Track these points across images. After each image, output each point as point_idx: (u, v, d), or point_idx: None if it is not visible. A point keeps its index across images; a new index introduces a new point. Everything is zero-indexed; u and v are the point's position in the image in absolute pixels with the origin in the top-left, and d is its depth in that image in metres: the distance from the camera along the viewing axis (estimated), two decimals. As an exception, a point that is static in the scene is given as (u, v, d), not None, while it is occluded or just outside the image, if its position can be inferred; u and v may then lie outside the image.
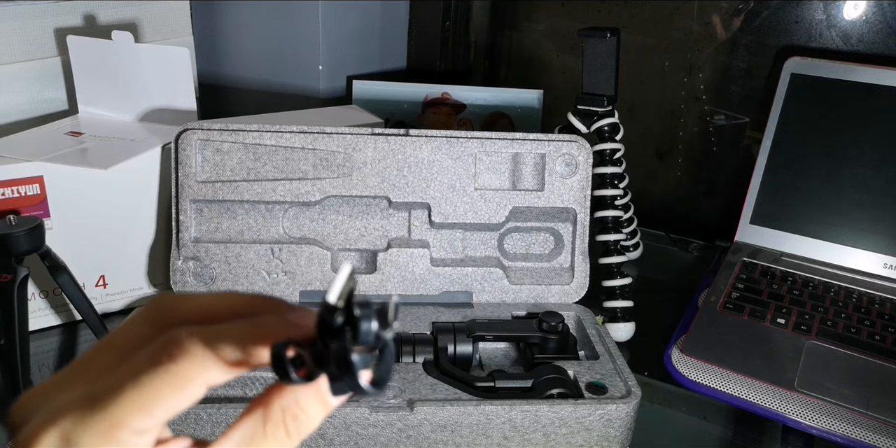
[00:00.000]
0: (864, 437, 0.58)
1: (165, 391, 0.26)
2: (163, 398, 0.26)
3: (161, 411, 0.27)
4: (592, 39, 0.75)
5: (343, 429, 0.54)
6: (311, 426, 0.29)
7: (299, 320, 0.28)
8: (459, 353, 0.62)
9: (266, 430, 0.29)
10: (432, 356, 0.61)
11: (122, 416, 0.26)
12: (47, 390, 0.29)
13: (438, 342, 0.62)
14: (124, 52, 0.84)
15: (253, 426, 0.29)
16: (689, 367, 0.66)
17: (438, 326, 0.64)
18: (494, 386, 0.57)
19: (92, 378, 0.28)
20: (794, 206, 0.83)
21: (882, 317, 0.71)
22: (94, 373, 0.29)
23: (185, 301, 0.31)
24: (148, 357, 0.27)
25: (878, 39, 0.88)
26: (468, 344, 0.63)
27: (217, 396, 0.59)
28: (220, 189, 0.69)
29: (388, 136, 0.70)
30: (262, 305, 0.30)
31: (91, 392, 0.27)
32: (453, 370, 0.59)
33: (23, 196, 0.68)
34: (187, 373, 0.27)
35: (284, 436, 0.29)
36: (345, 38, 1.09)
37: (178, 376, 0.26)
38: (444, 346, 0.62)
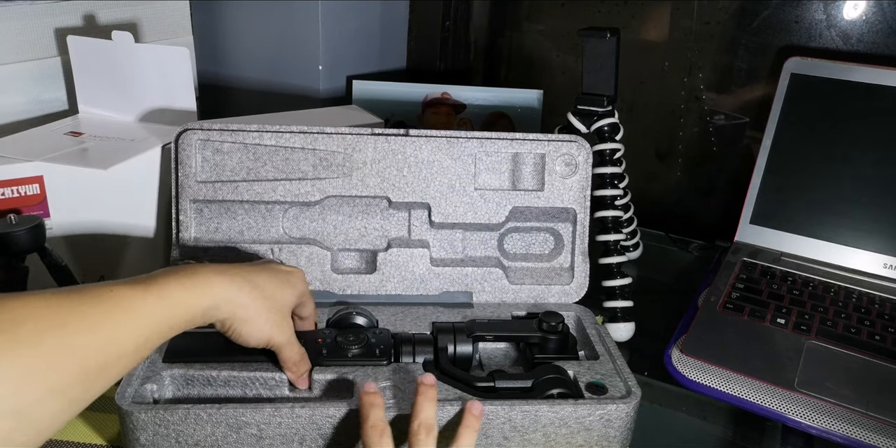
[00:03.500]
0: (863, 437, 0.58)
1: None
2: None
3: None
4: (592, 39, 0.75)
5: (343, 429, 0.54)
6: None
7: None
8: (459, 353, 0.62)
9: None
10: (432, 356, 0.61)
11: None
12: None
13: (438, 342, 0.62)
14: (124, 52, 0.84)
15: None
16: (689, 367, 0.66)
17: (438, 326, 0.64)
18: (494, 386, 0.57)
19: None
20: (794, 206, 0.83)
21: (882, 317, 0.71)
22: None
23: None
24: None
25: (878, 39, 0.88)
26: (468, 344, 0.63)
27: (217, 396, 0.59)
28: (220, 189, 0.69)
29: (388, 136, 0.70)
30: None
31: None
32: (453, 370, 0.59)
33: (23, 196, 0.68)
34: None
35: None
36: (345, 38, 1.09)
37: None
38: (444, 346, 0.62)
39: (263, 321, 0.51)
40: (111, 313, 0.40)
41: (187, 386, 0.59)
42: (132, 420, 0.52)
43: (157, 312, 0.43)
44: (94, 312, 0.39)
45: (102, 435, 0.58)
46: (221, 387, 0.59)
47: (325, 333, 0.61)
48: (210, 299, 0.47)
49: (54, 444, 0.56)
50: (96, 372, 0.38)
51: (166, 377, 0.58)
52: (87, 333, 0.38)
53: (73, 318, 0.38)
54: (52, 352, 0.36)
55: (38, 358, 0.35)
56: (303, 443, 0.54)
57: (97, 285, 0.41)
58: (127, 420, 0.52)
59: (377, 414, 0.50)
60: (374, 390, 0.52)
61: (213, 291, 0.47)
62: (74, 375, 0.37)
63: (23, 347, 0.35)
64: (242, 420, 0.52)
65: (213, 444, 0.53)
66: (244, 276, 0.51)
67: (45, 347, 0.36)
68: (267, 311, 0.52)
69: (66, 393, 0.37)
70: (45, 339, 0.36)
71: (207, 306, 0.47)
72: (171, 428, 0.52)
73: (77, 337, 0.37)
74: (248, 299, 0.50)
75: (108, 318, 0.40)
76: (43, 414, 0.36)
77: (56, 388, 0.36)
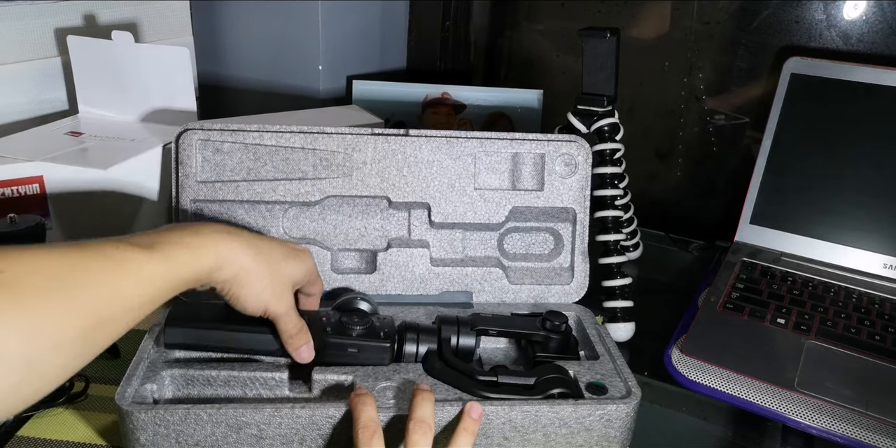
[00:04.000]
0: (863, 437, 0.58)
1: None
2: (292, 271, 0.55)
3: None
4: (592, 39, 0.75)
5: (343, 429, 0.54)
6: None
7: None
8: (462, 346, 0.62)
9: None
10: (435, 345, 0.61)
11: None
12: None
13: (442, 333, 0.62)
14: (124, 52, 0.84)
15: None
16: (689, 367, 0.66)
17: (442, 318, 0.64)
18: (497, 381, 0.57)
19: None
20: (794, 206, 0.83)
21: (882, 317, 0.71)
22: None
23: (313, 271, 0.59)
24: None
25: (878, 39, 0.88)
26: (471, 337, 0.62)
27: (217, 396, 0.59)
28: (220, 189, 0.69)
29: (388, 136, 0.70)
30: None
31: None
32: (456, 362, 0.59)
33: (23, 196, 0.69)
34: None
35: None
36: (345, 38, 1.09)
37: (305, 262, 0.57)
38: (447, 338, 0.62)
39: (262, 287, 0.51)
40: (117, 271, 0.41)
41: (187, 386, 0.59)
42: (132, 420, 0.52)
43: (161, 272, 0.43)
44: (101, 269, 0.40)
45: (102, 435, 0.58)
46: (221, 387, 0.59)
47: (330, 314, 0.61)
48: (213, 259, 0.48)
49: (54, 443, 0.56)
50: (101, 326, 0.39)
51: (166, 377, 0.58)
52: (93, 289, 0.39)
53: (79, 274, 0.39)
54: (58, 306, 0.37)
55: (44, 312, 0.36)
56: (303, 443, 0.54)
57: (102, 241, 0.42)
58: (127, 420, 0.52)
59: (368, 414, 0.50)
60: (365, 391, 0.52)
61: (216, 251, 0.48)
62: (80, 330, 0.38)
63: (28, 302, 0.36)
64: (242, 420, 0.52)
65: (213, 445, 0.53)
66: (250, 240, 0.51)
67: (50, 302, 0.37)
68: (268, 277, 0.52)
69: (71, 346, 0.38)
70: (52, 294, 0.37)
71: (210, 267, 0.48)
72: (171, 428, 0.52)
73: (82, 292, 0.38)
74: (250, 262, 0.50)
75: (115, 276, 0.40)
76: (48, 366, 0.37)
77: (62, 342, 0.37)
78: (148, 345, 0.60)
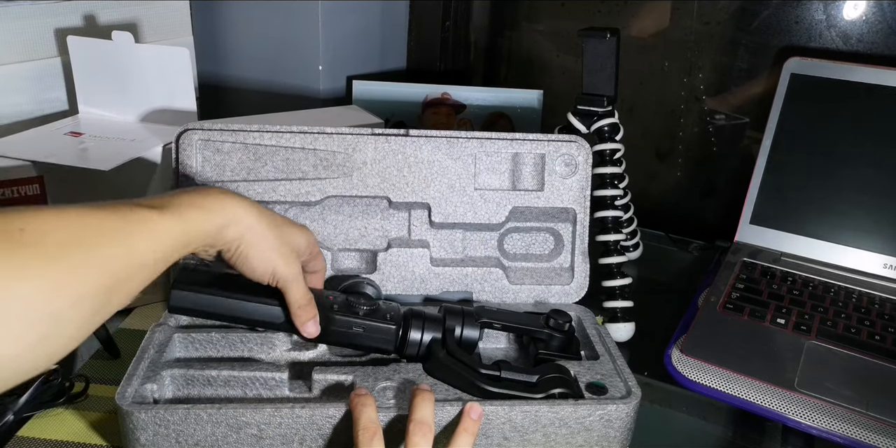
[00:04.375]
0: (863, 437, 0.58)
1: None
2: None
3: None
4: (592, 39, 0.75)
5: (343, 429, 0.54)
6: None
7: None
8: (465, 337, 0.62)
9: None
10: (440, 335, 0.60)
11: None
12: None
13: (446, 323, 0.61)
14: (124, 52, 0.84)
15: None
16: (689, 367, 0.66)
17: (448, 308, 0.64)
18: (500, 376, 0.57)
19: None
20: (794, 206, 0.83)
21: (882, 317, 0.71)
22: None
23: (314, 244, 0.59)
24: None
25: (878, 39, 0.88)
26: (475, 329, 0.62)
27: (217, 396, 0.59)
28: (220, 189, 0.69)
29: (388, 137, 0.70)
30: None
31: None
32: (460, 353, 0.59)
33: (23, 196, 0.69)
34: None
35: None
36: (345, 39, 1.09)
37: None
38: (452, 328, 0.61)
39: (269, 248, 0.52)
40: (133, 230, 0.43)
41: (187, 386, 0.59)
42: (132, 420, 0.52)
43: (174, 230, 0.46)
44: (118, 227, 0.42)
45: (102, 435, 0.58)
46: (221, 387, 0.59)
47: (336, 294, 0.61)
48: (221, 218, 0.49)
49: (54, 443, 0.56)
50: (118, 282, 0.41)
51: (166, 377, 0.58)
52: (111, 247, 0.41)
53: (97, 233, 0.41)
54: (79, 263, 0.39)
55: (66, 269, 0.38)
56: (303, 443, 0.54)
57: (116, 203, 0.44)
58: (127, 420, 0.52)
59: (368, 415, 0.50)
60: (365, 392, 0.53)
61: (224, 211, 0.50)
62: (99, 285, 0.40)
63: (50, 259, 0.38)
64: (242, 420, 0.52)
65: (213, 444, 0.53)
66: (255, 203, 0.53)
67: (71, 259, 0.39)
68: (275, 239, 0.53)
69: (92, 301, 0.40)
70: (72, 252, 0.39)
71: (219, 225, 0.49)
72: (171, 428, 0.52)
73: (101, 250, 0.41)
74: (256, 223, 0.51)
75: (130, 234, 0.43)
76: (71, 320, 0.39)
77: (83, 296, 0.39)
78: (148, 345, 0.60)
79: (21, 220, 0.38)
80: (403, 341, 0.60)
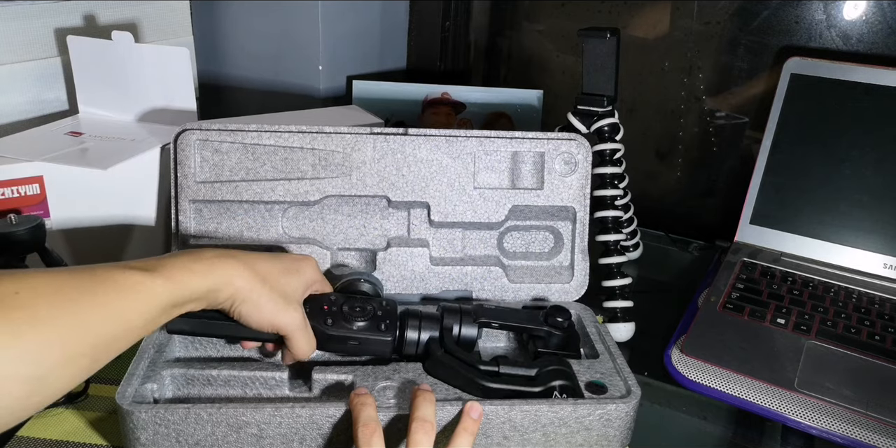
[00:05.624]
0: (863, 437, 0.58)
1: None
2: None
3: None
4: (592, 39, 0.75)
5: (343, 429, 0.54)
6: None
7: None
8: (464, 335, 0.61)
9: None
10: (437, 333, 0.60)
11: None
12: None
13: (444, 321, 0.61)
14: (124, 52, 0.84)
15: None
16: (689, 367, 0.66)
17: (445, 307, 0.63)
18: (498, 371, 0.57)
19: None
20: (794, 206, 0.83)
21: (882, 317, 0.71)
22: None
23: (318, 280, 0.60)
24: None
25: (878, 39, 0.88)
26: (473, 328, 0.62)
27: (217, 396, 0.59)
28: (220, 189, 0.69)
29: (388, 136, 0.70)
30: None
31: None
32: (458, 351, 0.58)
33: (23, 196, 0.69)
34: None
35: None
36: (345, 38, 1.09)
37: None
38: (449, 327, 0.61)
39: (265, 304, 0.53)
40: (121, 294, 0.44)
41: (187, 386, 0.59)
42: (132, 420, 0.52)
43: (163, 293, 0.47)
44: (106, 292, 0.44)
45: (102, 435, 0.58)
46: (222, 386, 0.59)
47: (332, 300, 0.60)
48: (211, 282, 0.50)
49: (54, 443, 0.56)
50: (106, 344, 0.43)
51: (166, 377, 0.58)
52: (99, 311, 0.43)
53: (86, 298, 0.42)
54: (67, 326, 0.40)
55: (54, 332, 0.40)
56: (303, 442, 0.54)
57: (108, 266, 0.46)
58: (127, 420, 0.52)
59: (368, 413, 0.51)
60: (364, 392, 0.53)
61: (213, 274, 0.50)
62: (86, 347, 0.41)
63: (41, 323, 0.39)
64: (243, 420, 0.52)
65: (213, 444, 0.53)
66: (246, 260, 0.53)
67: (60, 323, 0.40)
68: (269, 294, 0.53)
69: (78, 362, 0.41)
70: (61, 315, 0.40)
71: (208, 288, 0.50)
72: (171, 427, 0.52)
73: (89, 314, 0.42)
74: (246, 282, 0.52)
75: (119, 298, 0.44)
76: (57, 380, 0.40)
77: (69, 358, 0.41)
78: (148, 344, 0.60)
79: (15, 283, 0.40)
80: (401, 342, 0.60)
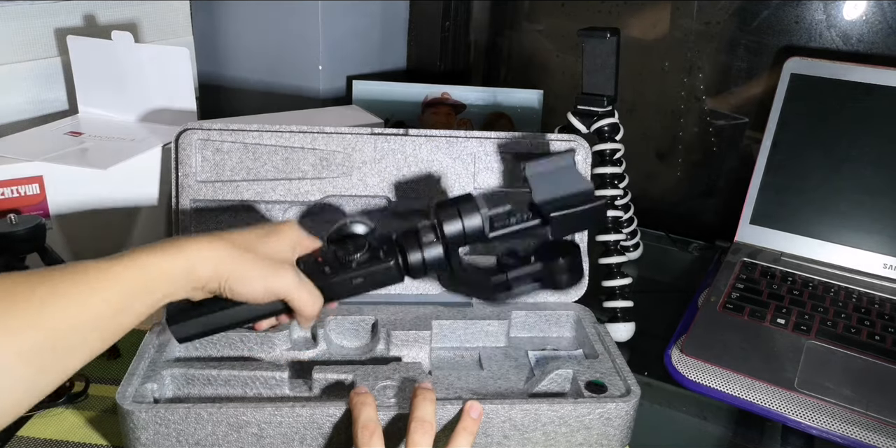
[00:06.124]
0: (863, 437, 0.58)
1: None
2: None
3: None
4: (592, 39, 0.75)
5: (343, 428, 0.54)
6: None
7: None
8: (468, 229, 0.55)
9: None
10: (441, 246, 0.55)
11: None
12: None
13: (444, 229, 0.55)
14: (124, 52, 0.84)
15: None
16: (689, 367, 0.66)
17: (439, 208, 0.56)
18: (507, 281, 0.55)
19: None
20: (794, 206, 0.83)
21: (882, 317, 0.71)
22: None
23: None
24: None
25: (878, 39, 0.88)
26: (476, 216, 0.55)
27: (217, 396, 0.59)
28: (220, 189, 0.69)
29: (388, 136, 0.70)
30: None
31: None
32: (465, 265, 0.55)
33: (23, 196, 0.69)
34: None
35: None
36: (345, 38, 1.09)
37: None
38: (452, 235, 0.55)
39: (252, 271, 0.50)
40: (79, 281, 0.42)
41: (188, 385, 0.59)
42: (133, 419, 0.52)
43: (127, 277, 0.44)
44: (63, 280, 0.41)
45: (103, 435, 0.58)
46: (222, 386, 0.59)
47: (323, 251, 0.56)
48: (183, 260, 0.47)
49: (54, 443, 0.56)
50: (67, 336, 0.40)
51: (167, 376, 0.58)
52: (56, 301, 0.40)
53: (41, 288, 0.40)
54: (18, 318, 0.39)
55: (3, 326, 0.38)
56: (303, 442, 0.54)
57: (74, 263, 0.44)
58: (128, 419, 0.52)
59: (368, 414, 0.50)
60: (364, 391, 0.53)
61: (184, 252, 0.47)
62: (42, 341, 0.39)
63: None
64: (243, 419, 0.52)
65: (213, 444, 0.53)
66: (220, 235, 0.51)
67: (11, 316, 0.38)
68: (253, 260, 0.50)
69: (35, 358, 0.39)
70: (14, 311, 0.39)
71: (184, 267, 0.47)
72: (171, 427, 0.52)
73: (46, 306, 0.40)
74: (227, 254, 0.49)
75: (76, 285, 0.42)
76: (14, 380, 0.38)
77: (23, 353, 0.38)
78: (148, 344, 0.60)
79: None
80: (406, 266, 0.56)
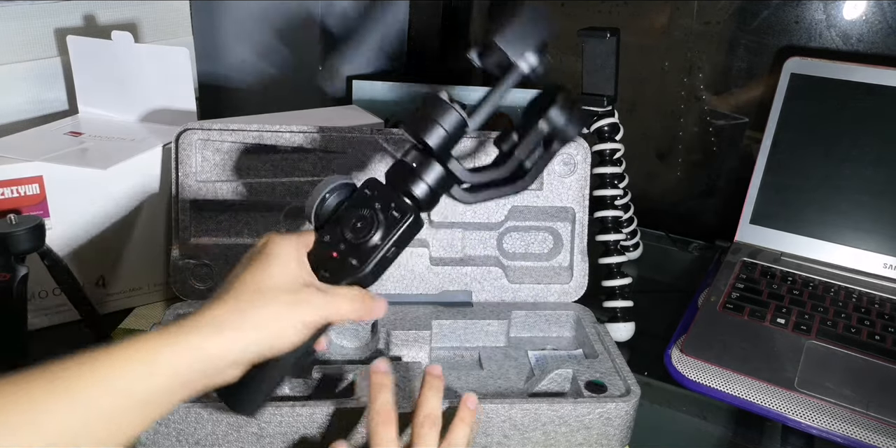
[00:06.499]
0: (863, 437, 0.58)
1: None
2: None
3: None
4: (592, 39, 0.75)
5: (343, 427, 0.54)
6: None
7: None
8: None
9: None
10: (441, 169, 0.51)
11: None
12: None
13: (434, 153, 0.52)
14: (124, 52, 0.84)
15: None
16: (689, 367, 0.66)
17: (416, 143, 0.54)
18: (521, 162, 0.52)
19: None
20: (794, 206, 0.83)
21: (882, 317, 0.71)
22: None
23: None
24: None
25: (878, 39, 0.88)
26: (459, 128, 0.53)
27: (217, 396, 0.59)
28: (220, 189, 0.69)
29: (388, 136, 0.70)
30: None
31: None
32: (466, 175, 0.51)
33: (23, 196, 0.69)
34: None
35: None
36: (345, 38, 1.09)
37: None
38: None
39: (270, 321, 0.43)
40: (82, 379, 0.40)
41: (187, 385, 0.58)
42: (132, 419, 0.52)
43: (127, 375, 0.40)
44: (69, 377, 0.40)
45: (102, 434, 0.58)
46: (221, 386, 0.59)
47: (327, 242, 0.48)
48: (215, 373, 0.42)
49: (54, 443, 0.56)
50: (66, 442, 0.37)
51: (166, 376, 0.58)
52: (54, 403, 0.38)
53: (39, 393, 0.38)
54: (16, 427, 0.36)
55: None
56: (303, 441, 0.54)
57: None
58: (126, 419, 0.52)
59: (384, 398, 0.48)
60: (385, 369, 0.49)
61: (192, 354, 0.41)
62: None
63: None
64: (242, 418, 0.52)
65: (213, 443, 0.53)
66: (212, 304, 0.43)
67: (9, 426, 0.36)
68: (263, 310, 0.43)
69: None
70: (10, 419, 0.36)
71: (190, 369, 0.41)
72: (171, 426, 0.52)
73: (42, 410, 0.37)
74: (247, 338, 0.42)
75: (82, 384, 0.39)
76: None
77: None
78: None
79: None
80: (418, 204, 0.49)
